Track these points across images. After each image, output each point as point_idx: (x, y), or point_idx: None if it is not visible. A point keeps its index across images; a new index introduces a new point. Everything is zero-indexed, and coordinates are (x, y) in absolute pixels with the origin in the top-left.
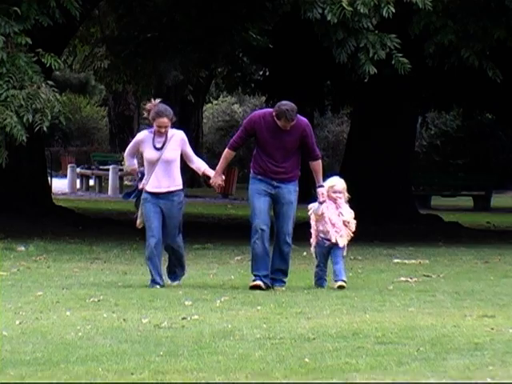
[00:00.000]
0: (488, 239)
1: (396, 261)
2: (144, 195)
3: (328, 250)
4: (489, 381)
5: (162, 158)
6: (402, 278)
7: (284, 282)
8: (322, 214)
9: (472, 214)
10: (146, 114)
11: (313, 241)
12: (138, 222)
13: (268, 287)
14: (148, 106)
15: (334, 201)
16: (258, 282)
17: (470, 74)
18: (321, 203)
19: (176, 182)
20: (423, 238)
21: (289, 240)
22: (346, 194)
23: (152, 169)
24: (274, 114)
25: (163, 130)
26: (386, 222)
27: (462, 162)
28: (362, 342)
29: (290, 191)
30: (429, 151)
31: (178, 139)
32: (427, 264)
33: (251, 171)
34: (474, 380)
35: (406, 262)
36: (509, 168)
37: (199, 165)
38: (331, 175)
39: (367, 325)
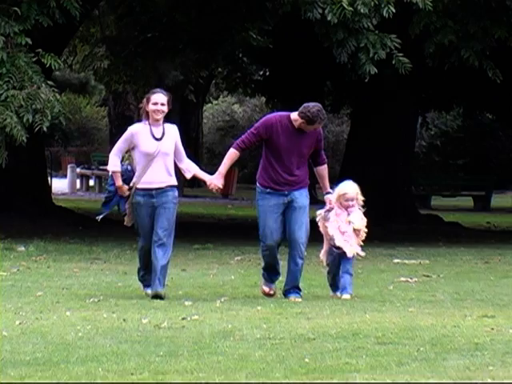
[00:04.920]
0: (488, 239)
1: (396, 261)
2: (136, 198)
3: (338, 258)
4: (489, 381)
5: (162, 150)
6: (402, 278)
7: (299, 294)
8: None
9: (472, 214)
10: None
11: (324, 247)
12: (127, 220)
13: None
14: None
15: (346, 208)
16: (272, 291)
17: (470, 73)
18: (328, 211)
19: (172, 178)
20: (423, 238)
21: (304, 252)
22: (361, 198)
23: (149, 163)
24: (303, 119)
25: (160, 109)
26: (386, 222)
27: (462, 162)
28: (362, 342)
29: (302, 194)
30: (429, 151)
31: (173, 133)
32: (427, 264)
33: (258, 184)
34: (474, 380)
35: (406, 262)
36: (509, 168)
37: (189, 167)
38: (342, 180)
39: (367, 325)
